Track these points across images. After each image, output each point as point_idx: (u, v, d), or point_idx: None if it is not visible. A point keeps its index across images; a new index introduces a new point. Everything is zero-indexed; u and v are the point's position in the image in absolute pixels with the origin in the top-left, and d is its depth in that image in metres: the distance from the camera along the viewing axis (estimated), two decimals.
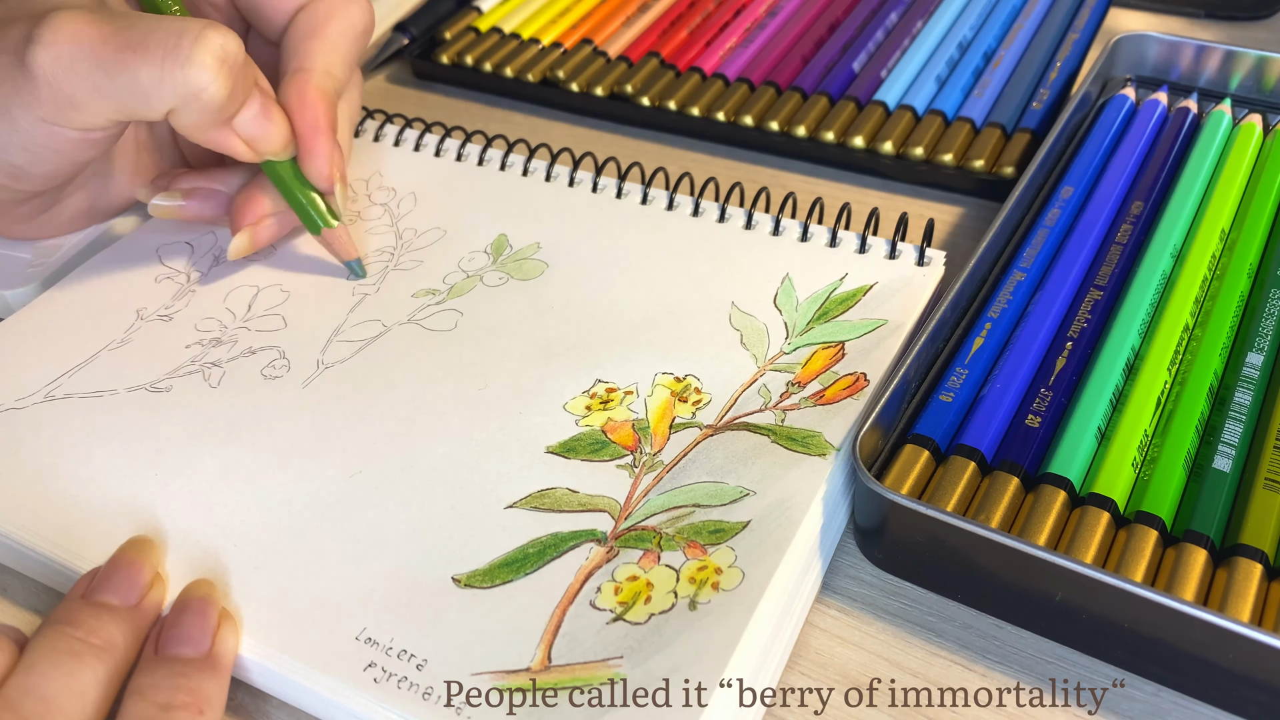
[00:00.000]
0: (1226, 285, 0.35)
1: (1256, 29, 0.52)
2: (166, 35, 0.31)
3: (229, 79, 0.32)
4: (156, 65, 0.31)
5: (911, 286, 0.36)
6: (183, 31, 0.31)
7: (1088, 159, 0.40)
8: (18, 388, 0.35)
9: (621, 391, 0.33)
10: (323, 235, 0.38)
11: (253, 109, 0.34)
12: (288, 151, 0.36)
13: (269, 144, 0.35)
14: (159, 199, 0.37)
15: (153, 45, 0.31)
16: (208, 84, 0.31)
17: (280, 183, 0.37)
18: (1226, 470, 0.29)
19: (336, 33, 0.37)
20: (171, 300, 0.38)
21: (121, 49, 0.31)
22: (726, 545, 0.28)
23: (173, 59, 0.31)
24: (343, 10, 0.37)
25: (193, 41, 0.31)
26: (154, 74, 0.31)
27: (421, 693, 0.25)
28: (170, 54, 0.31)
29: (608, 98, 0.50)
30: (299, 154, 0.36)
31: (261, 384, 0.34)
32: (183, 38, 0.31)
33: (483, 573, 0.28)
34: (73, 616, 0.26)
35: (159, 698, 0.25)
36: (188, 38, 0.31)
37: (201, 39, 0.31)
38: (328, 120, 0.36)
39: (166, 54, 0.31)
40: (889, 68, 0.48)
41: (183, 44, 0.31)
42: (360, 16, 0.38)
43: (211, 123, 0.33)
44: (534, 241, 0.39)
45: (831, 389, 0.32)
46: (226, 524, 0.30)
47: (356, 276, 0.39)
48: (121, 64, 0.31)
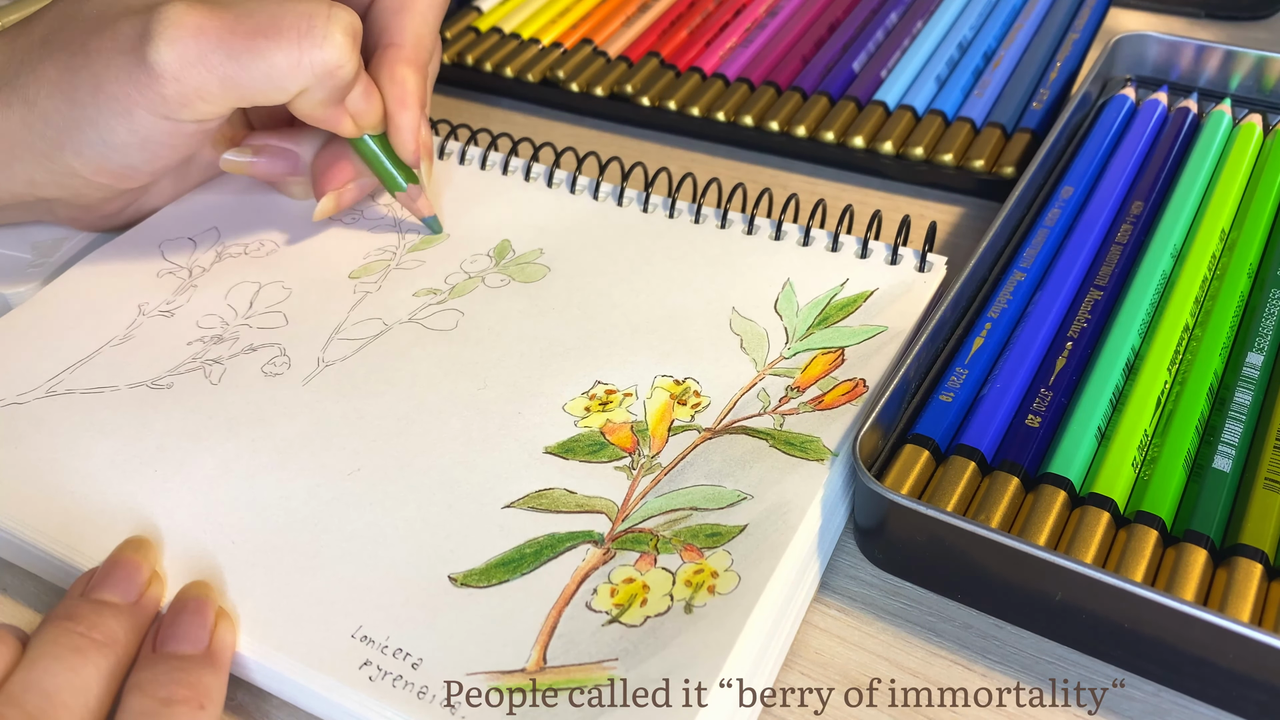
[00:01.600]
0: (1226, 285, 0.35)
1: (1256, 29, 0.52)
2: (298, 17, 0.31)
3: (356, 56, 0.33)
4: (294, 47, 0.31)
5: (912, 292, 0.35)
6: (313, 13, 0.31)
7: (1088, 159, 0.40)
8: (19, 383, 0.35)
9: (621, 393, 0.33)
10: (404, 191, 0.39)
11: (360, 85, 0.35)
12: (382, 126, 0.37)
13: (370, 119, 0.36)
14: (231, 154, 0.38)
15: (285, 28, 0.31)
16: (344, 62, 0.32)
17: (370, 153, 0.38)
18: (1226, 470, 0.29)
19: (424, 6, 0.37)
20: (173, 296, 0.38)
21: (253, 35, 0.31)
22: (723, 549, 0.28)
23: (309, 40, 0.31)
24: None
25: (325, 21, 0.31)
26: (291, 57, 0.31)
27: (416, 691, 0.25)
28: (306, 35, 0.31)
29: (608, 98, 0.50)
30: (388, 128, 0.37)
31: (262, 381, 0.34)
32: (315, 19, 0.31)
33: (479, 572, 0.28)
34: (74, 612, 0.26)
35: (159, 692, 0.25)
36: (319, 18, 0.31)
37: (334, 18, 0.31)
38: (417, 95, 0.37)
39: (301, 35, 0.31)
40: (889, 68, 0.48)
41: (316, 24, 0.31)
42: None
43: (337, 100, 0.34)
44: (537, 247, 0.39)
45: (830, 394, 0.32)
46: (225, 521, 0.30)
47: (434, 232, 0.40)
48: (255, 51, 0.31)
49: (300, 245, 0.40)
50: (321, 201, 0.38)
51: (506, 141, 0.47)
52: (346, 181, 0.38)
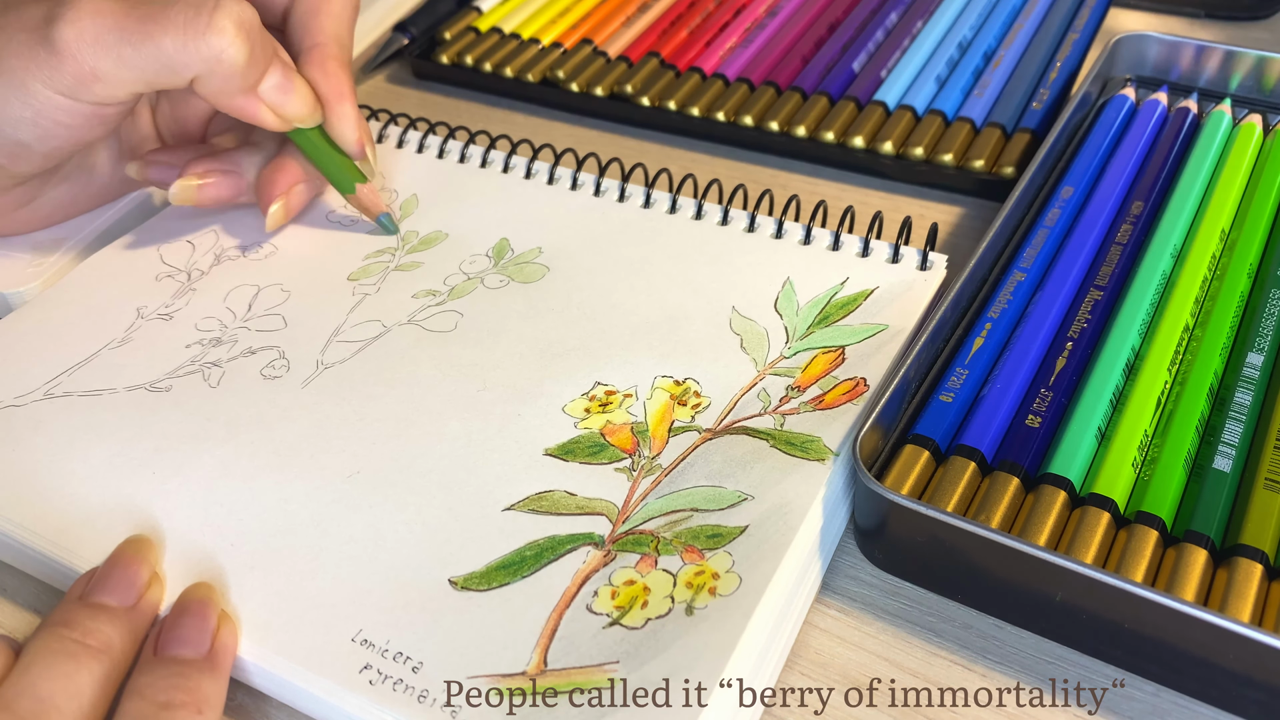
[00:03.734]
0: (1227, 285, 0.35)
1: (1256, 29, 0.52)
2: (186, 6, 0.33)
3: (247, 43, 0.34)
4: (179, 32, 0.33)
5: (913, 291, 0.35)
6: (200, 3, 0.33)
7: (1088, 159, 0.40)
8: (17, 385, 0.35)
9: (621, 394, 0.33)
10: (354, 194, 0.40)
11: (275, 77, 0.36)
12: (315, 117, 0.38)
13: (294, 109, 0.37)
14: (176, 187, 0.38)
15: (173, 15, 0.33)
16: (227, 47, 0.33)
17: (311, 150, 0.38)
18: (1227, 470, 0.29)
19: (339, 8, 0.39)
20: (172, 299, 0.38)
21: (144, 20, 0.33)
22: (724, 550, 0.28)
23: (194, 26, 0.33)
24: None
25: (211, 9, 0.33)
26: (177, 41, 0.33)
27: (417, 695, 0.25)
28: (191, 21, 0.33)
29: (608, 98, 0.50)
30: (327, 121, 0.38)
31: (261, 384, 0.34)
32: (201, 7, 0.33)
33: (479, 575, 0.28)
34: (69, 618, 0.26)
35: (158, 697, 0.25)
36: (206, 7, 0.33)
37: (220, 6, 0.33)
38: (350, 87, 0.38)
39: (188, 21, 0.33)
40: (889, 68, 0.48)
41: (201, 13, 0.33)
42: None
43: (236, 88, 0.35)
44: (536, 246, 0.39)
45: (831, 394, 0.32)
46: (224, 524, 0.30)
47: (389, 231, 0.41)
48: (145, 34, 0.33)
49: (299, 248, 0.40)
50: (270, 210, 0.39)
51: (506, 143, 0.47)
52: (292, 185, 0.39)
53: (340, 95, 0.38)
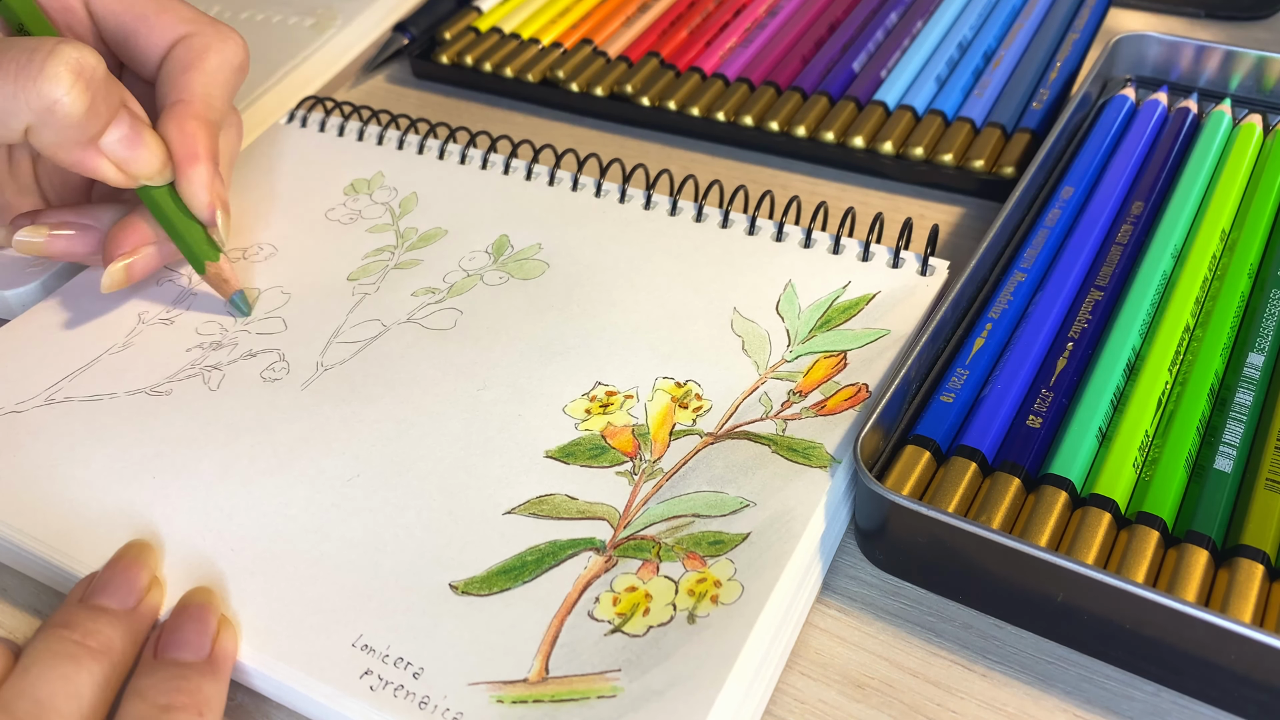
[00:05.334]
0: (1227, 285, 0.35)
1: (1256, 29, 0.52)
2: (20, 51, 0.31)
3: (85, 92, 0.31)
4: (10, 81, 0.30)
5: (915, 296, 0.35)
6: (36, 47, 0.31)
7: (1088, 159, 0.40)
8: (18, 391, 0.35)
9: (621, 395, 0.33)
10: (205, 273, 0.37)
11: (120, 129, 0.33)
12: (164, 176, 0.35)
13: (140, 166, 0.34)
14: (22, 234, 0.36)
15: (5, 62, 0.30)
16: (61, 96, 0.31)
17: (159, 213, 0.35)
18: (1228, 471, 0.29)
19: (214, 66, 0.36)
20: (172, 304, 0.38)
21: None
22: (726, 557, 0.28)
23: (25, 72, 0.30)
24: (219, 45, 0.37)
25: (45, 55, 0.30)
26: (7, 90, 0.30)
27: (418, 701, 0.25)
28: (23, 68, 0.30)
29: (608, 98, 0.50)
30: (177, 181, 0.35)
31: (261, 387, 0.34)
32: (35, 53, 0.30)
33: (480, 580, 0.28)
34: (70, 620, 0.26)
35: (158, 699, 0.25)
36: (40, 52, 0.30)
37: (55, 53, 0.30)
38: (208, 148, 0.35)
39: (19, 69, 0.30)
40: (889, 68, 0.48)
41: (35, 58, 0.30)
42: (236, 52, 0.37)
43: (73, 140, 0.32)
44: (535, 242, 0.39)
45: (833, 399, 0.32)
46: (224, 528, 0.30)
47: (240, 314, 0.38)
48: None
49: (299, 249, 0.40)
50: (109, 269, 0.35)
51: (507, 144, 0.47)
52: (140, 245, 0.36)
53: (193, 156, 0.35)
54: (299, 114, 0.47)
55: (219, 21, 0.38)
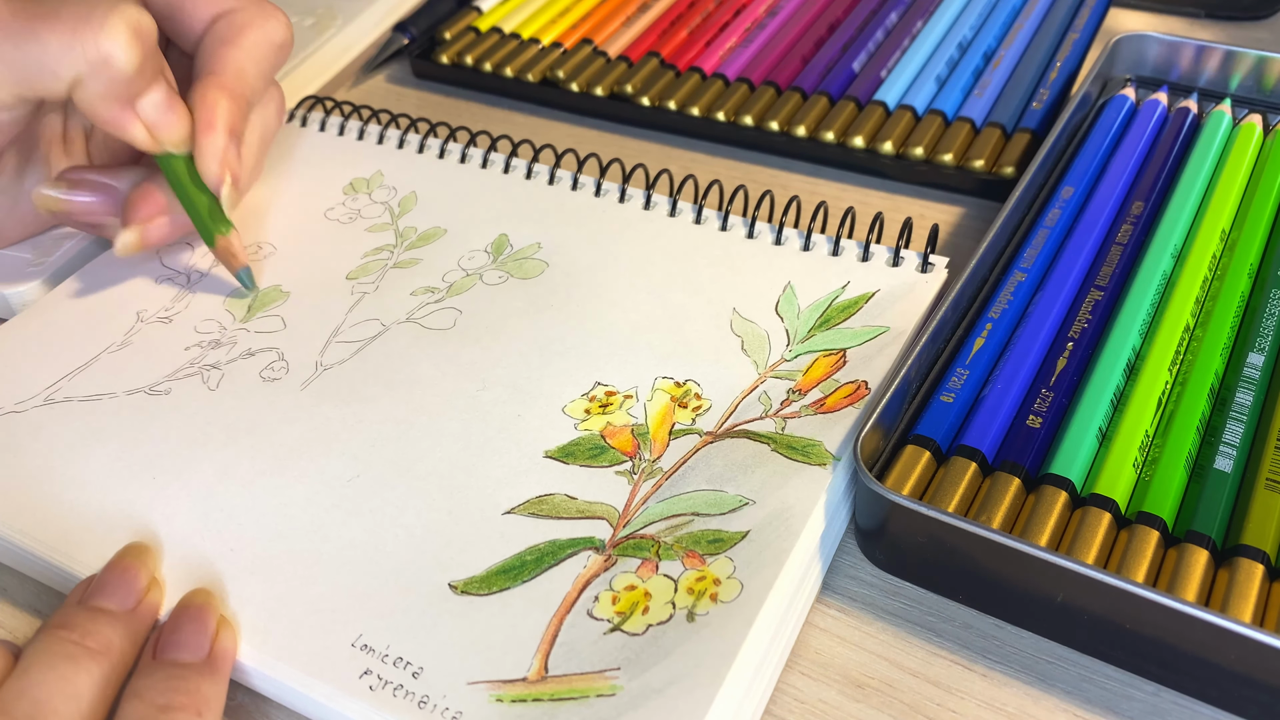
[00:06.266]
0: (1227, 285, 0.35)
1: (1256, 29, 0.52)
2: (80, 5, 0.32)
3: (140, 50, 0.32)
4: (68, 31, 0.31)
5: (915, 293, 0.35)
6: (97, 3, 0.32)
7: (1088, 159, 0.40)
8: (17, 391, 0.35)
9: (621, 395, 0.33)
10: (214, 246, 0.37)
11: (158, 94, 0.34)
12: (187, 146, 0.35)
13: (169, 132, 0.34)
14: (43, 187, 0.36)
15: (64, 14, 0.31)
16: (119, 50, 0.32)
17: (175, 181, 0.36)
18: (1228, 471, 0.29)
19: (252, 42, 0.36)
20: (171, 302, 0.38)
21: (32, 19, 0.31)
22: (725, 555, 0.28)
23: (85, 25, 0.31)
24: (261, 21, 0.37)
25: (107, 10, 0.31)
26: (64, 40, 0.31)
27: (418, 701, 0.25)
28: (83, 20, 0.31)
29: (608, 98, 0.50)
30: (194, 149, 0.35)
31: (260, 386, 0.34)
32: (96, 7, 0.31)
33: (480, 580, 0.28)
34: (69, 621, 0.26)
35: (157, 699, 0.25)
36: (102, 7, 0.31)
37: (116, 9, 0.32)
38: (228, 119, 0.35)
39: (79, 20, 0.31)
40: (889, 68, 0.48)
41: (96, 12, 0.31)
42: (279, 29, 0.37)
43: (116, 96, 0.33)
44: (535, 242, 0.39)
45: (832, 397, 0.32)
46: (223, 528, 0.30)
47: (246, 288, 0.38)
48: (30, 32, 0.31)
49: (298, 248, 0.40)
50: (123, 234, 0.36)
51: (507, 143, 0.47)
52: (156, 214, 0.36)
53: (209, 125, 0.35)
54: (299, 113, 0.47)
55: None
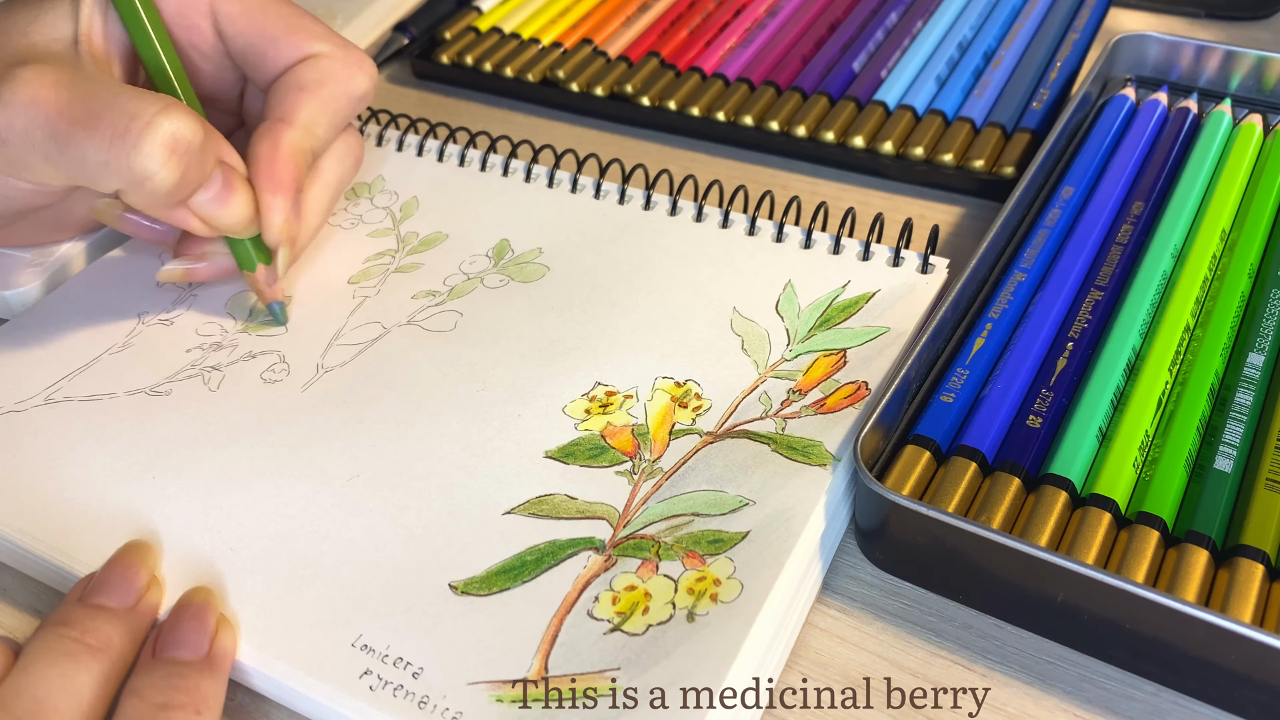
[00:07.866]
0: (1227, 285, 0.35)
1: (1256, 29, 0.52)
2: (118, 116, 0.30)
3: (178, 167, 0.30)
4: (105, 146, 0.30)
5: (915, 294, 0.35)
6: (135, 114, 0.30)
7: (1088, 159, 0.40)
8: (18, 391, 0.35)
9: (621, 395, 0.33)
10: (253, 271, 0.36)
11: (212, 189, 0.33)
12: (250, 230, 0.34)
13: (227, 222, 0.33)
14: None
15: (103, 125, 0.30)
16: (154, 172, 0.30)
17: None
18: (1228, 471, 0.29)
19: (331, 94, 0.35)
20: (173, 304, 0.38)
21: (73, 123, 0.30)
22: (725, 556, 0.28)
23: (120, 143, 0.30)
24: (346, 75, 0.36)
25: (142, 127, 0.30)
26: (100, 154, 0.30)
27: (417, 701, 0.25)
28: (119, 137, 0.30)
29: (608, 98, 0.50)
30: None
31: (261, 388, 0.34)
32: (134, 121, 0.30)
33: (480, 580, 0.28)
34: (69, 618, 0.26)
35: (156, 697, 0.25)
36: (138, 122, 0.30)
37: (152, 125, 0.30)
38: (291, 180, 0.34)
39: (115, 136, 0.30)
40: (889, 68, 0.48)
41: (132, 129, 0.30)
42: (361, 83, 0.36)
43: (162, 205, 0.32)
44: (536, 246, 0.39)
45: (832, 397, 0.32)
46: (224, 528, 0.30)
47: (278, 322, 0.37)
48: (71, 139, 0.30)
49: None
50: (168, 265, 0.36)
51: (507, 144, 0.47)
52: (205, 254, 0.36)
53: (275, 186, 0.34)
54: None
55: (351, 45, 0.36)
